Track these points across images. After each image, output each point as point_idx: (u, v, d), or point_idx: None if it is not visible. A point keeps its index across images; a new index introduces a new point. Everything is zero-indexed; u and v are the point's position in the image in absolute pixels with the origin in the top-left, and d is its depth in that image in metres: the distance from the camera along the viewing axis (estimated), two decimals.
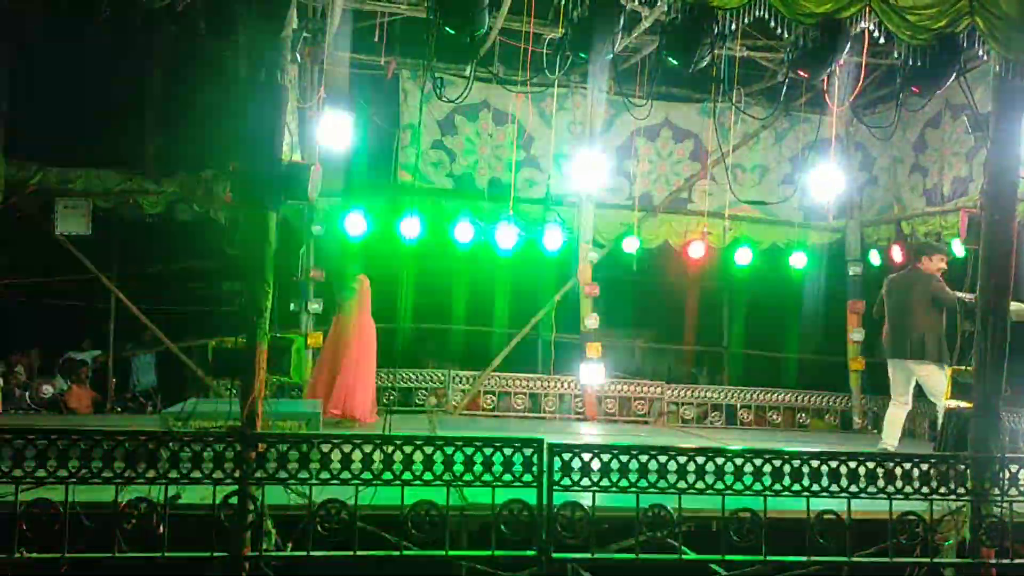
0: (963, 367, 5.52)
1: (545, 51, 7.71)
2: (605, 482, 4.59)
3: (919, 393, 7.46)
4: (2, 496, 4.41)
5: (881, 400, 10.88)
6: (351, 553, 4.41)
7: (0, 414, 8.96)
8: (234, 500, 4.42)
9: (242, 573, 4.44)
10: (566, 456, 4.59)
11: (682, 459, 4.64)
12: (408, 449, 4.53)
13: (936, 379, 7.04)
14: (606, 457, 4.63)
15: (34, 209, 9.43)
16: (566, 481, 4.57)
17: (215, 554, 4.40)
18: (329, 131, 8.13)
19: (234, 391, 4.97)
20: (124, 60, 9.48)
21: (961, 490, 4.83)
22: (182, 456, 4.42)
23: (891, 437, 7.29)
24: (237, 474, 4.43)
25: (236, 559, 4.42)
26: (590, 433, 9.24)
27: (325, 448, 4.49)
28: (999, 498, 4.81)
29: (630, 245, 10.52)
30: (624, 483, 4.61)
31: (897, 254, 10.17)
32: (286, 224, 9.17)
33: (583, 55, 6.06)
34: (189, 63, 9.66)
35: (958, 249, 8.77)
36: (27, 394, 9.78)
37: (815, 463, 4.70)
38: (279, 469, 4.45)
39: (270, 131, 4.97)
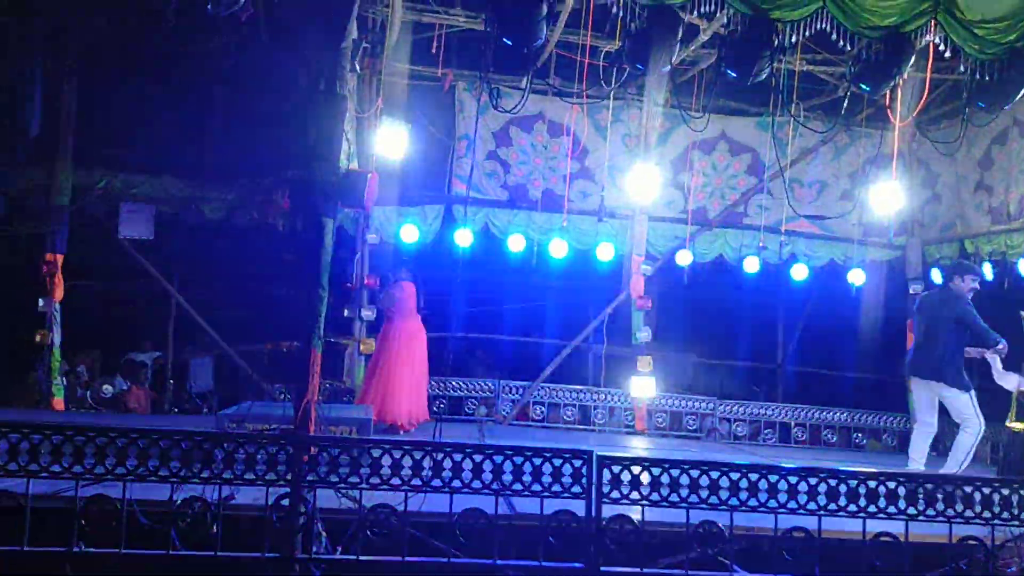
0: None
1: (602, 64, 7.72)
2: (655, 496, 4.54)
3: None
4: (63, 492, 4.54)
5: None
6: (400, 559, 4.43)
7: (62, 412, 9.21)
8: (286, 502, 4.47)
9: (292, 575, 4.49)
10: (616, 468, 4.55)
11: (735, 475, 4.57)
12: (458, 457, 4.53)
13: (960, 403, 6.89)
14: (656, 471, 4.58)
15: (99, 213, 9.70)
16: (615, 494, 4.52)
17: (267, 555, 4.45)
18: (386, 141, 8.24)
19: (288, 395, 5.04)
20: (187, 69, 9.72)
21: None
22: (236, 457, 4.48)
23: (917, 462, 7.10)
24: (289, 476, 4.47)
25: (287, 560, 4.46)
26: (640, 447, 9.17)
27: (376, 453, 4.51)
28: None
29: (683, 259, 10.45)
30: (675, 498, 4.55)
31: None
32: (341, 231, 9.31)
33: (640, 67, 6.05)
34: (250, 73, 9.86)
35: None
36: (88, 393, 10.04)
37: (872, 483, 4.58)
38: (330, 473, 4.48)
39: (328, 139, 5.04)
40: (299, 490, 4.47)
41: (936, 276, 10.43)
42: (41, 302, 9.33)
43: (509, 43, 5.98)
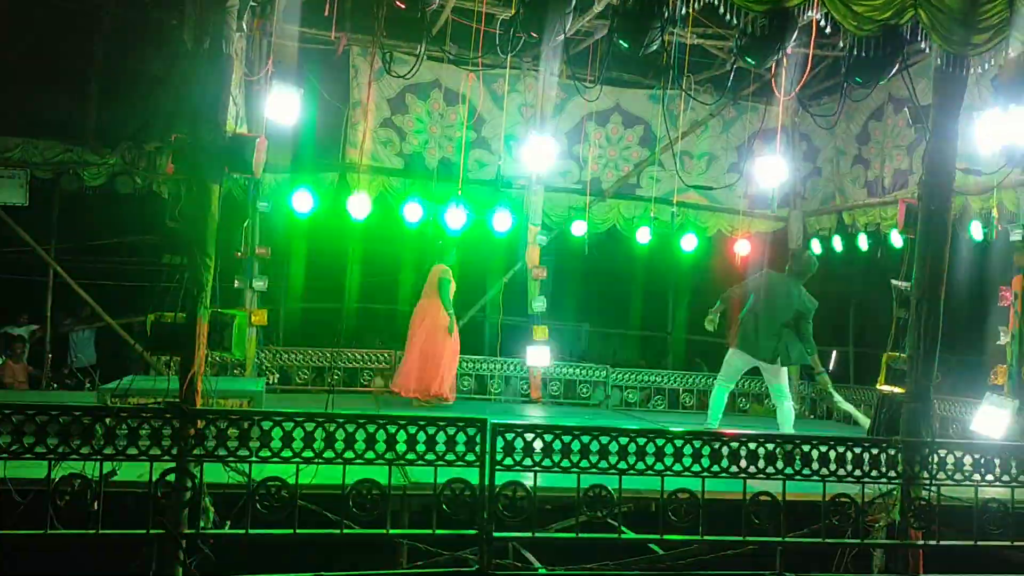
0: (897, 354, 5.66)
1: (497, 31, 7.69)
2: (547, 462, 4.62)
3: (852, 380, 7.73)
4: None
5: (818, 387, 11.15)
6: (291, 532, 4.38)
7: None
8: (171, 477, 4.36)
9: (179, 551, 4.38)
10: (509, 436, 4.60)
11: (623, 440, 4.69)
12: (350, 428, 4.49)
13: (782, 375, 7.62)
14: (548, 437, 4.65)
15: None
16: (508, 461, 4.58)
17: (151, 532, 4.33)
18: (277, 106, 7.97)
19: (174, 368, 4.88)
20: (67, 29, 9.21)
21: (892, 473, 4.96)
22: (119, 432, 4.33)
23: (715, 418, 7.71)
24: (175, 451, 4.36)
25: (173, 537, 4.35)
26: (535, 414, 9.29)
27: (266, 426, 4.44)
28: (928, 482, 4.95)
29: (578, 229, 10.57)
30: (566, 463, 4.64)
31: (838, 244, 10.42)
32: (231, 199, 9.03)
33: (534, 35, 6.05)
34: (134, 32, 9.41)
35: (896, 239, 9.01)
36: None
37: (752, 445, 4.78)
38: (218, 446, 4.38)
39: (214, 101, 4.86)
40: (185, 464, 4.36)
41: (816, 247, 10.89)
42: None
43: (402, 6, 5.87)
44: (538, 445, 4.62)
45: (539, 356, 10.14)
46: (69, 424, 4.28)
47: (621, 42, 5.71)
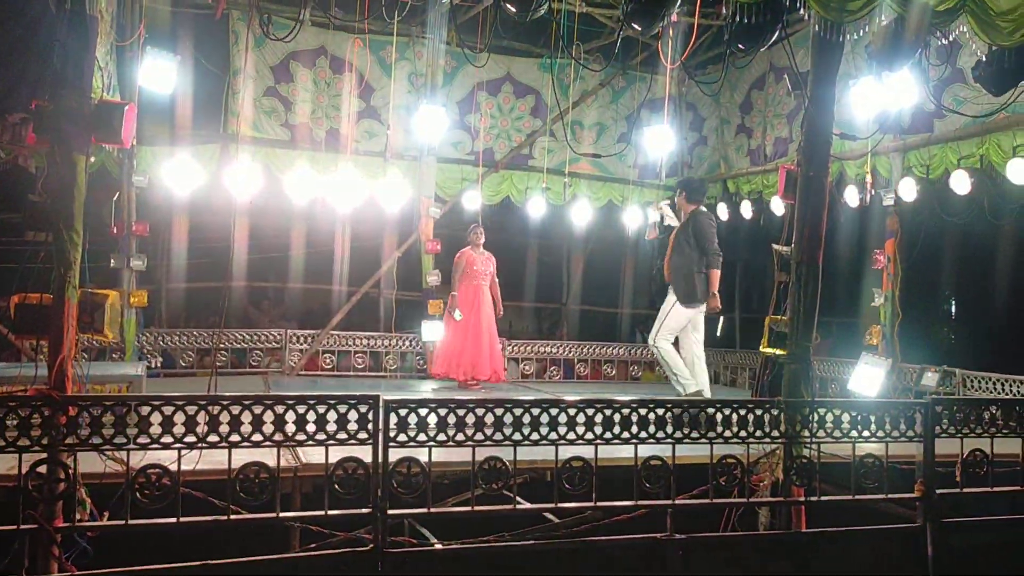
0: (779, 317, 5.83)
1: None
2: (442, 437, 4.57)
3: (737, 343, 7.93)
4: None
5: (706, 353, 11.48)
6: (174, 521, 4.20)
7: None
8: (43, 469, 4.11)
9: (54, 546, 4.15)
10: (402, 412, 4.52)
11: (518, 411, 4.67)
12: (236, 410, 4.33)
13: None
14: (443, 412, 4.59)
15: None
16: (402, 437, 4.50)
17: (22, 527, 4.08)
18: (151, 73, 7.56)
19: (44, 353, 4.59)
20: None
21: (775, 433, 5.12)
22: None
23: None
24: (45, 441, 4.11)
25: (46, 531, 4.11)
26: (430, 389, 9.23)
27: (144, 411, 4.23)
28: (809, 440, 5.13)
29: (472, 201, 10.50)
30: (460, 437, 4.60)
31: (723, 212, 10.67)
32: (104, 172, 8.56)
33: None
34: None
35: (777, 205, 9.29)
36: None
37: (643, 411, 4.84)
38: (92, 435, 4.15)
39: (78, 65, 4.57)
40: (56, 455, 4.11)
41: None
42: None
43: None
44: (432, 420, 4.56)
45: (434, 330, 10.06)
46: None
47: (508, 6, 5.62)
